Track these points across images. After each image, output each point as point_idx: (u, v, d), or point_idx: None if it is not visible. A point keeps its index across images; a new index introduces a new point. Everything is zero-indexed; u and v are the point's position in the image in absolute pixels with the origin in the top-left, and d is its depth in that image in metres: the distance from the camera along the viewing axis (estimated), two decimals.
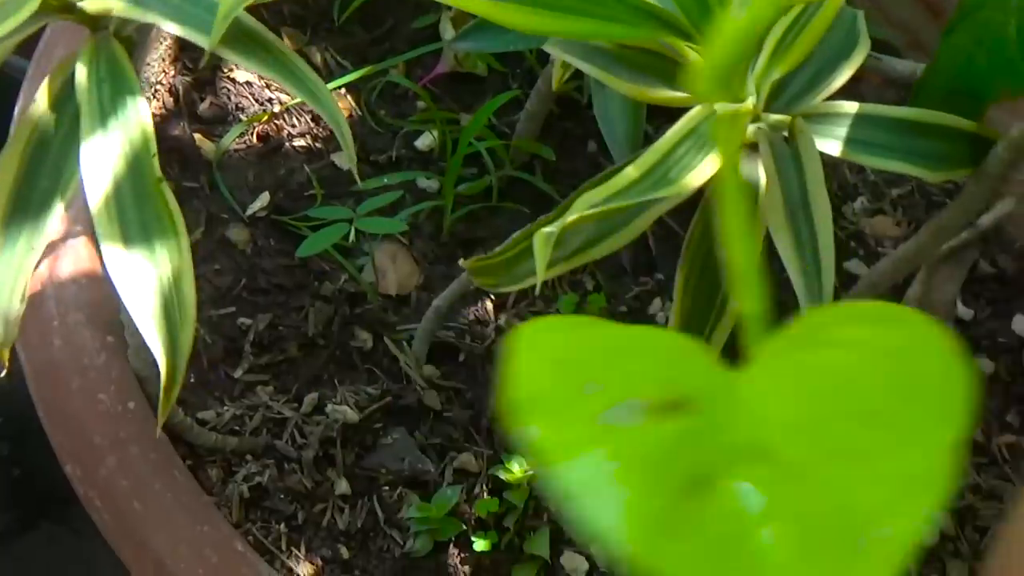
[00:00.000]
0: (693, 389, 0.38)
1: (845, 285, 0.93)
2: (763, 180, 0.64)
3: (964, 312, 0.99)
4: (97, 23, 0.63)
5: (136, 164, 0.59)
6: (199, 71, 1.01)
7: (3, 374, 0.65)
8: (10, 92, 0.91)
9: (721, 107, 0.62)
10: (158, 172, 0.59)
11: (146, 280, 0.59)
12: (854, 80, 1.06)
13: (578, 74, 0.86)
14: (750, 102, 0.63)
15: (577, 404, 0.36)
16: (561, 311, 0.93)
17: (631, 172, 0.58)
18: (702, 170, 0.58)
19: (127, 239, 0.59)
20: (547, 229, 0.54)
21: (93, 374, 0.80)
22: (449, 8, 1.03)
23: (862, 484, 0.35)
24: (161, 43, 1.00)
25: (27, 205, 0.61)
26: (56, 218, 0.61)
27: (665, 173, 0.58)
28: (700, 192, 0.70)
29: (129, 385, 0.81)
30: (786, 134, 0.65)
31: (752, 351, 0.40)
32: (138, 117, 0.60)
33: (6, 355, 0.60)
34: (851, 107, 0.68)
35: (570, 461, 0.35)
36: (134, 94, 0.61)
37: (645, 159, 0.59)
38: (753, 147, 0.66)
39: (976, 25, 0.68)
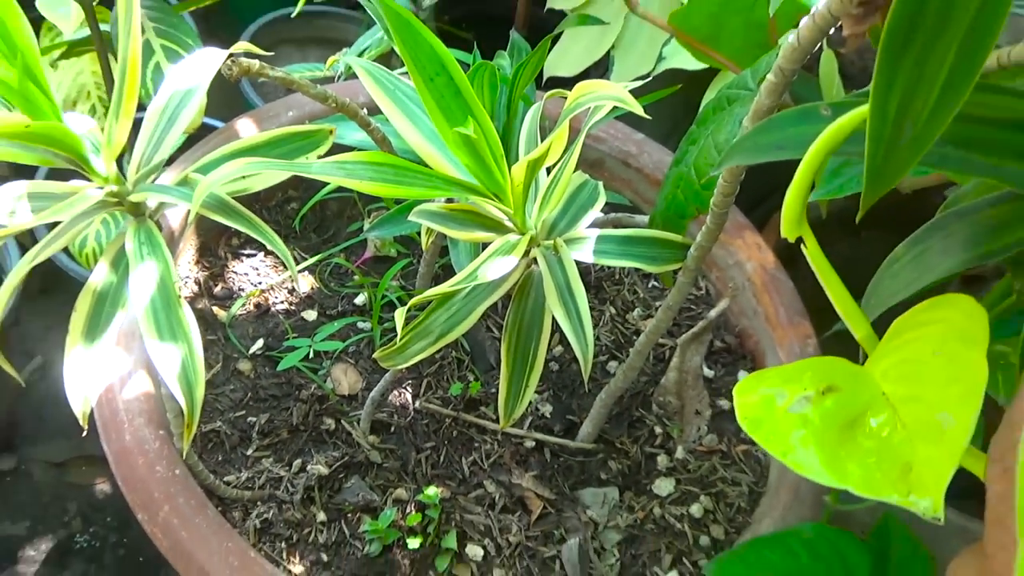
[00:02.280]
0: (841, 378, 0.46)
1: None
2: (544, 279, 0.70)
3: (708, 372, 1.02)
4: (138, 210, 0.65)
5: (163, 287, 0.61)
6: (213, 267, 1.03)
7: (84, 435, 0.66)
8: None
9: (512, 237, 0.70)
10: (178, 292, 0.60)
11: (172, 357, 0.59)
12: None
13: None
14: (530, 234, 0.69)
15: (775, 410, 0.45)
16: (452, 394, 0.96)
17: (459, 275, 0.65)
18: (499, 269, 0.64)
19: (160, 334, 0.60)
20: (401, 309, 0.60)
21: (152, 454, 0.81)
22: (369, 215, 1.09)
23: (937, 396, 0.43)
24: (186, 251, 1.02)
25: (98, 321, 0.62)
26: (117, 327, 0.61)
27: (476, 275, 0.65)
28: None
29: (175, 460, 0.82)
30: (555, 252, 0.71)
31: (867, 353, 0.50)
32: (165, 259, 0.62)
33: (86, 420, 0.59)
34: (595, 232, 0.72)
35: (784, 440, 0.44)
36: (162, 248, 0.62)
37: (467, 268, 0.65)
38: (535, 260, 0.72)
39: (676, 177, 0.72)
